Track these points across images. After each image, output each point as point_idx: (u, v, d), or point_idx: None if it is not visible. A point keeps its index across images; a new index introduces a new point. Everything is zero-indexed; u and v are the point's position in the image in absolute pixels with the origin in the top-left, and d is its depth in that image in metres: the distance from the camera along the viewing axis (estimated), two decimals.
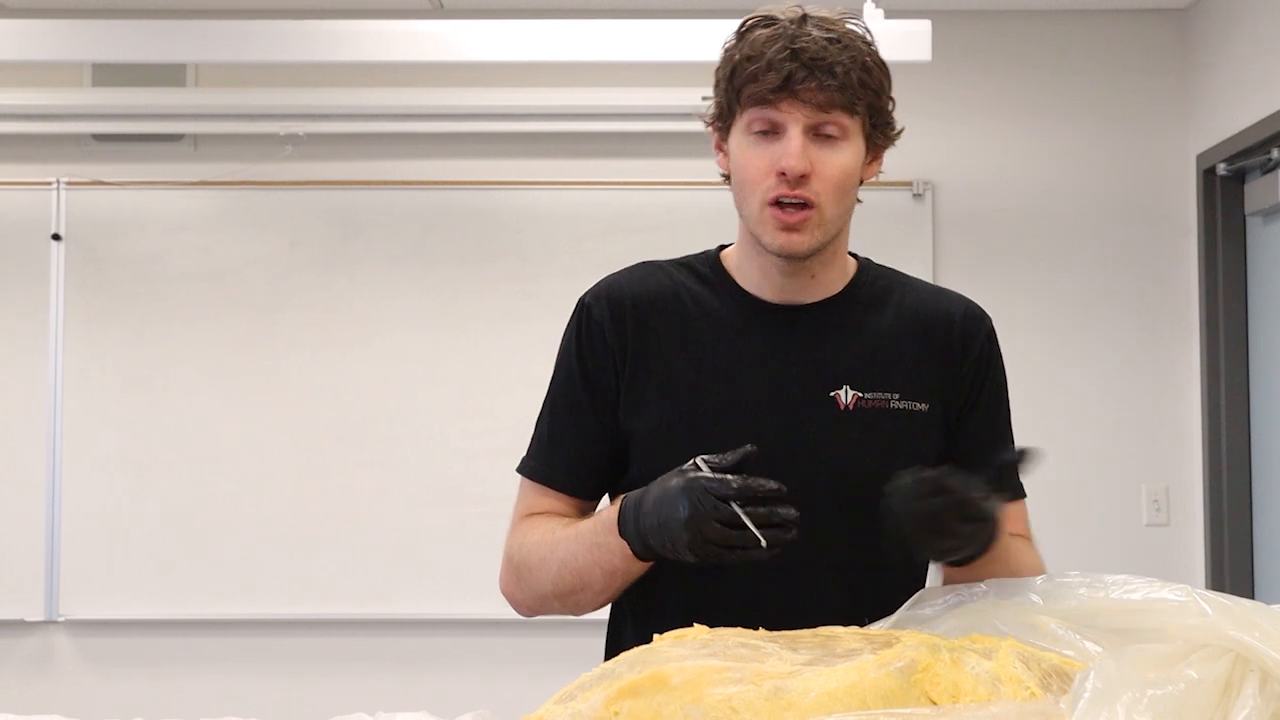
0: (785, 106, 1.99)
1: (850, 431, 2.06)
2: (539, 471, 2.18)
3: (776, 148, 2.00)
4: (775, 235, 2.03)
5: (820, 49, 1.97)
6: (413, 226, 5.49)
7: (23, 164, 5.53)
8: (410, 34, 4.54)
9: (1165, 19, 5.53)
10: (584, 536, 2.04)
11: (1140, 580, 1.69)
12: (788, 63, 1.96)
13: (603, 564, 2.01)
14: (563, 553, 2.06)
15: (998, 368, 2.21)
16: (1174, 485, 5.45)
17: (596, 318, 2.16)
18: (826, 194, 2.03)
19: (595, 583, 2.04)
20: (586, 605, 2.10)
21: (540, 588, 2.11)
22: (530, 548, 2.12)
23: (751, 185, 2.04)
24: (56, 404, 5.40)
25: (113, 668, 5.44)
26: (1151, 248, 5.51)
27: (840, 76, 1.97)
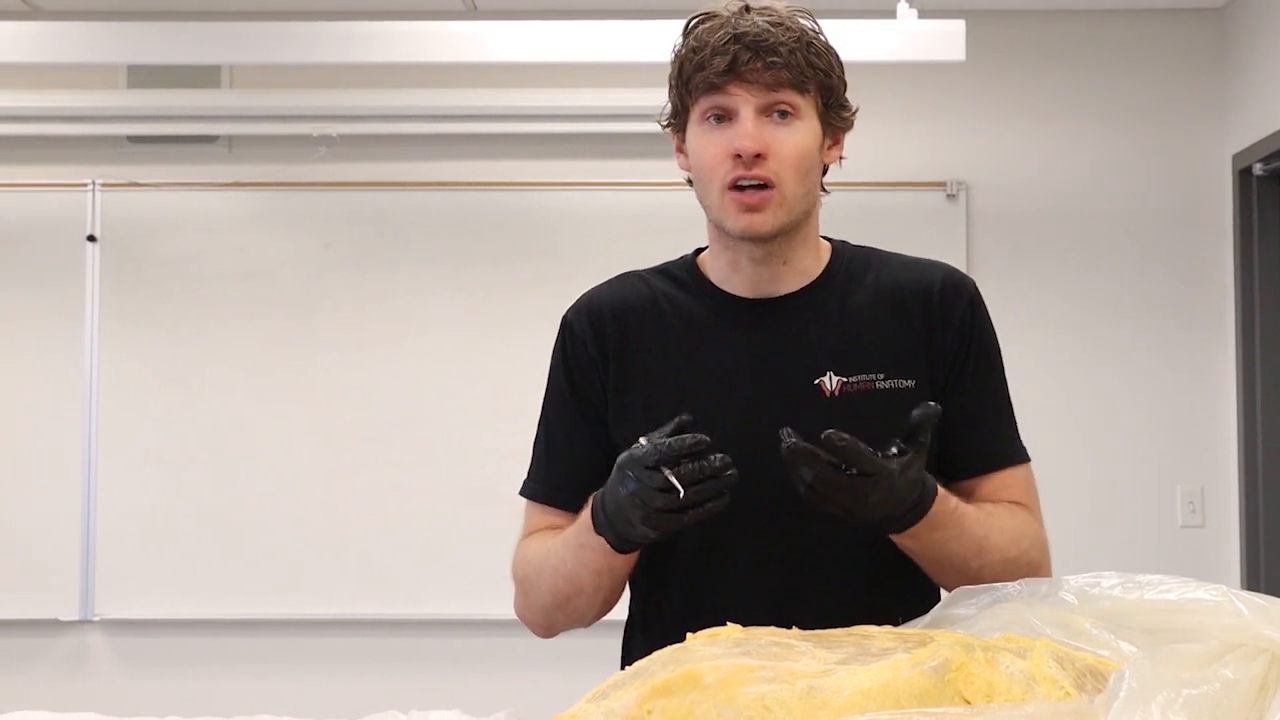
0: (734, 89, 2.00)
1: (838, 418, 1.99)
2: (540, 491, 2.21)
3: (730, 131, 2.01)
4: (737, 218, 2.03)
5: (762, 31, 1.98)
6: (446, 227, 5.50)
7: (58, 166, 5.56)
8: (444, 35, 4.55)
9: (1201, 18, 5.51)
10: (569, 540, 2.05)
11: (1175, 580, 1.68)
12: (732, 45, 1.98)
13: (588, 564, 2.02)
14: (554, 560, 2.08)
15: (984, 331, 2.16)
16: (1209, 486, 5.43)
17: (578, 333, 2.18)
18: (785, 172, 2.02)
19: (586, 585, 2.05)
20: (585, 611, 2.10)
21: (541, 600, 2.13)
22: (529, 563, 2.14)
23: (709, 172, 2.04)
24: (92, 404, 5.43)
25: (147, 667, 5.46)
26: (1187, 248, 5.49)
27: (785, 55, 1.98)
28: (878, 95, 5.12)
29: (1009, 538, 2.04)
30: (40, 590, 5.43)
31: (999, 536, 2.03)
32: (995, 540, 2.02)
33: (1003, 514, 2.08)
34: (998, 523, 2.05)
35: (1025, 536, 2.07)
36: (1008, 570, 1.99)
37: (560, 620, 2.14)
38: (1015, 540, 2.05)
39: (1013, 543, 2.04)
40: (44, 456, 5.47)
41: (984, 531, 2.01)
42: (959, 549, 1.99)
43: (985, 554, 2.00)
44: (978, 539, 1.99)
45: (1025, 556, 2.05)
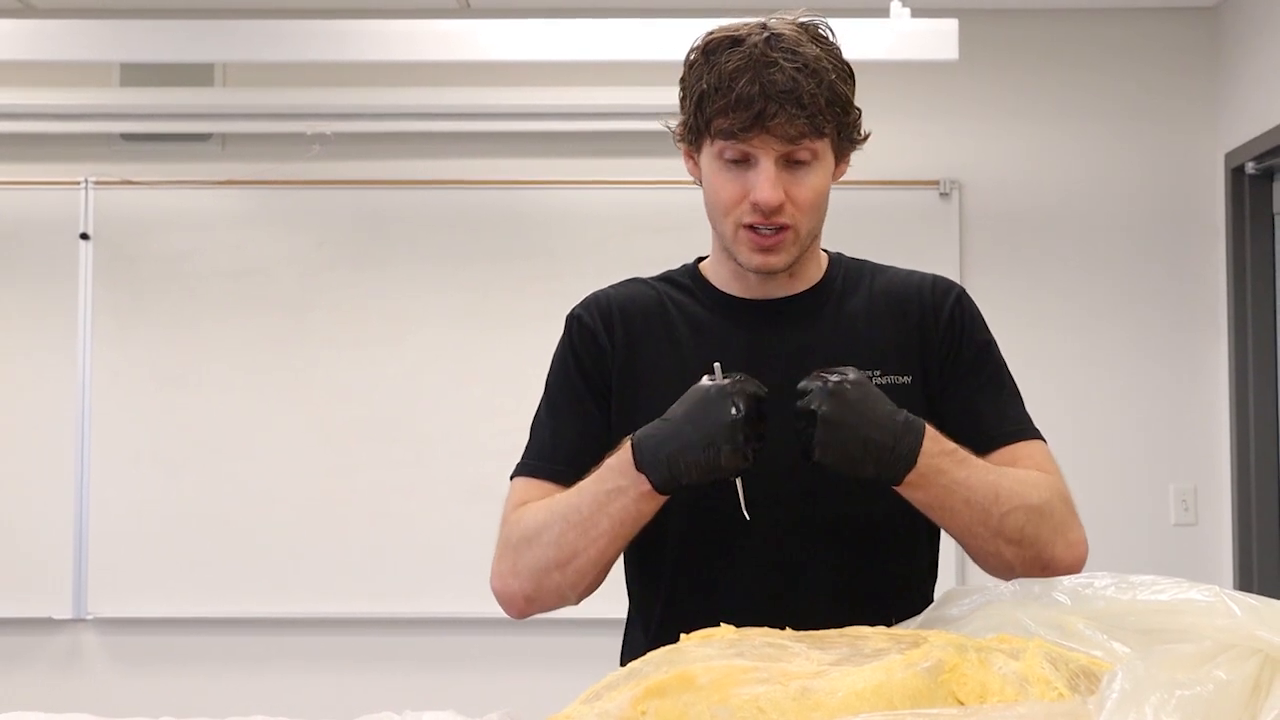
0: (756, 141, 2.00)
1: None
2: (542, 469, 2.17)
3: (749, 177, 2.02)
4: (751, 256, 2.07)
5: (789, 81, 1.97)
6: (441, 226, 5.50)
7: (51, 163, 5.55)
8: (437, 33, 4.55)
9: (1194, 17, 5.51)
10: (586, 488, 2.02)
11: (1168, 581, 1.69)
12: (758, 100, 1.96)
13: (611, 511, 1.99)
14: (564, 509, 2.03)
15: (975, 328, 2.19)
16: (1202, 485, 5.43)
17: (588, 324, 2.20)
18: (801, 215, 2.05)
19: (601, 536, 2.00)
20: (587, 572, 2.04)
21: (541, 558, 2.05)
22: (527, 522, 2.08)
23: (725, 209, 2.06)
24: (85, 403, 5.43)
25: (141, 666, 5.46)
26: (1179, 246, 5.49)
27: (809, 106, 1.98)
28: (871, 94, 5.11)
29: (1027, 485, 2.02)
30: (33, 589, 5.43)
31: (1014, 483, 2.01)
32: (1011, 486, 2.00)
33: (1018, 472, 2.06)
34: (1011, 472, 2.04)
35: (1044, 486, 2.05)
36: (1034, 520, 1.99)
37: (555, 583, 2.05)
38: (1035, 488, 2.03)
39: (1032, 489, 2.02)
40: (37, 455, 5.47)
41: (995, 477, 2.00)
42: (972, 495, 1.97)
43: (1003, 500, 1.98)
44: (990, 484, 1.98)
45: (1049, 506, 2.02)
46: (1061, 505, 2.05)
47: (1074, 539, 2.05)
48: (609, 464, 2.00)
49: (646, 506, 1.98)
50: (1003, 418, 2.15)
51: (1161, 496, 5.45)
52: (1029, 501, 2.00)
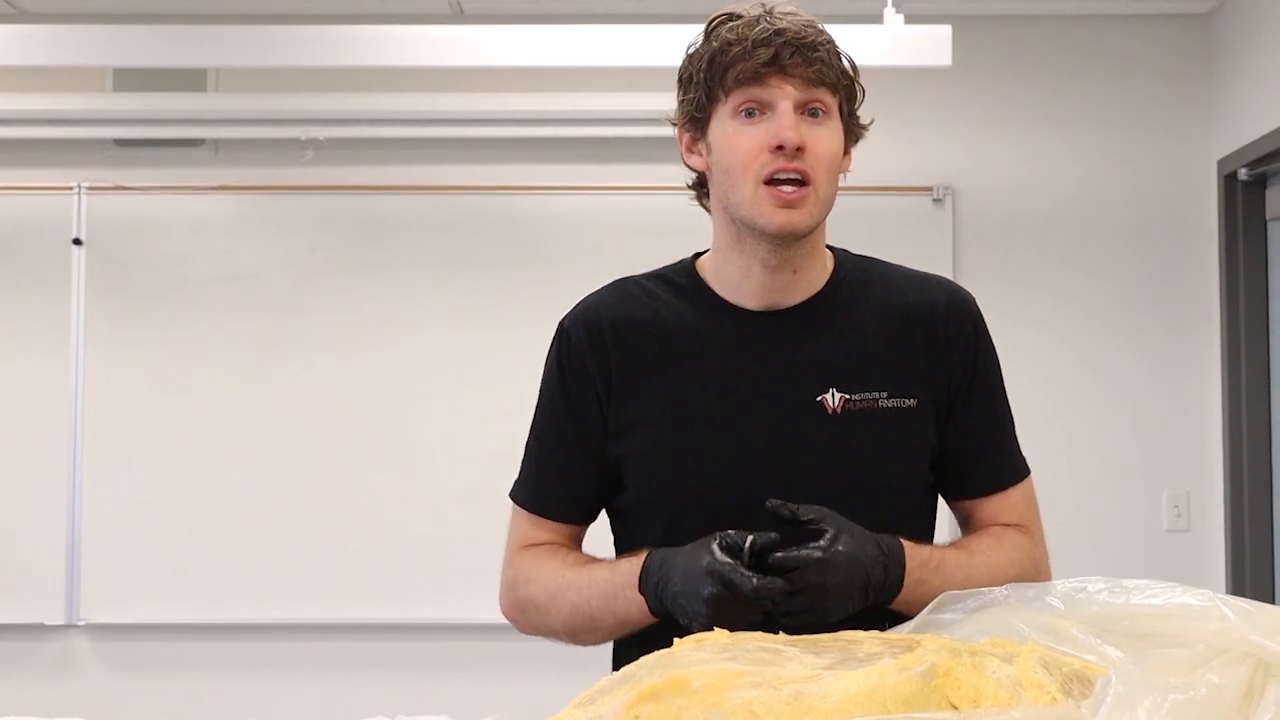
0: (774, 82, 2.00)
1: (840, 436, 2.06)
2: (530, 502, 2.22)
3: (769, 124, 2.01)
4: (774, 214, 2.02)
5: (802, 28, 2.01)
6: (434, 231, 5.50)
7: (44, 169, 5.55)
8: (431, 39, 4.55)
9: (1187, 24, 5.52)
10: (598, 585, 2.07)
11: (1161, 585, 1.69)
12: (775, 38, 1.99)
13: (616, 612, 2.05)
14: (574, 597, 2.09)
15: (988, 351, 2.19)
16: (1195, 490, 5.44)
17: (575, 345, 2.16)
18: (820, 170, 2.03)
19: (606, 628, 2.09)
20: (596, 643, 2.15)
21: (549, 625, 2.15)
22: (538, 586, 2.14)
23: (743, 167, 2.02)
24: (78, 408, 5.42)
25: (133, 672, 5.45)
26: (1173, 253, 5.50)
27: (825, 53, 2.01)
28: (864, 100, 5.13)
29: (997, 571, 2.04)
30: (25, 594, 5.42)
31: (985, 575, 2.02)
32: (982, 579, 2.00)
33: (990, 547, 2.10)
34: (982, 561, 2.07)
35: (1015, 563, 2.08)
36: None
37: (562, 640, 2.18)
38: (1004, 570, 2.04)
39: (1001, 573, 2.03)
40: (29, 460, 5.46)
41: (965, 575, 2.02)
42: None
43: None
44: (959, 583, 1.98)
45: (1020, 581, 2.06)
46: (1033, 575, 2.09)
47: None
48: (622, 570, 2.04)
49: (648, 619, 2.03)
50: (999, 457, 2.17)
51: (1154, 502, 5.45)
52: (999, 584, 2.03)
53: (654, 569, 1.98)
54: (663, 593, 1.95)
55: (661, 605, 1.96)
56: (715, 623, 1.81)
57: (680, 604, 1.91)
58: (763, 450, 2.05)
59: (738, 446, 2.05)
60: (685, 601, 1.90)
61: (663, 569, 1.96)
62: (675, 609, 1.93)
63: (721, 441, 2.06)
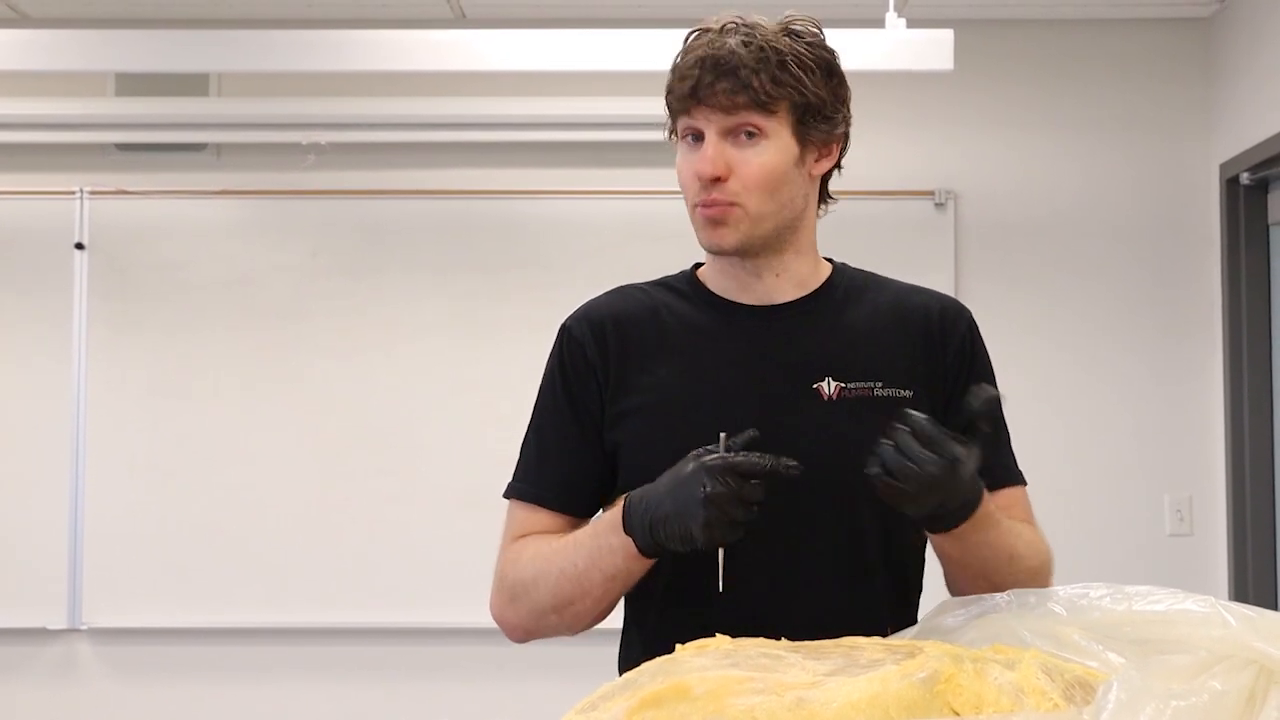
0: (698, 113, 2.03)
1: (836, 421, 2.07)
2: (528, 492, 2.20)
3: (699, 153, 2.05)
4: (702, 232, 2.09)
5: (727, 54, 1.99)
6: (435, 235, 5.50)
7: (47, 173, 5.55)
8: (432, 43, 4.55)
9: (1188, 28, 5.52)
10: (582, 542, 2.04)
11: (1164, 591, 1.69)
12: (694, 70, 2.01)
13: (603, 566, 2.01)
14: (561, 561, 2.06)
15: (982, 358, 2.21)
16: (1197, 495, 5.44)
17: (578, 338, 2.18)
18: (748, 192, 2.04)
19: (595, 588, 2.04)
20: (584, 616, 2.09)
21: (538, 603, 2.10)
22: (525, 564, 2.12)
23: (685, 190, 2.09)
24: (80, 412, 5.42)
25: (136, 676, 5.45)
26: (1174, 257, 5.50)
27: (744, 78, 1.99)
28: (866, 104, 5.11)
29: (1032, 549, 2.09)
30: (28, 599, 5.42)
31: (1024, 547, 2.06)
32: (1022, 550, 2.05)
33: (1020, 526, 2.11)
34: (1021, 532, 2.09)
35: (1041, 550, 2.12)
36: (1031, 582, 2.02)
37: (552, 624, 2.12)
38: (1036, 552, 2.09)
39: (1034, 554, 2.08)
40: (32, 464, 5.46)
41: (1013, 540, 2.04)
42: (992, 555, 2.01)
43: (1015, 562, 2.03)
44: (1009, 547, 2.02)
45: (1044, 569, 2.11)
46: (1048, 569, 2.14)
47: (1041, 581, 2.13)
48: (604, 520, 2.03)
49: (636, 565, 2.00)
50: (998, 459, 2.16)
51: (1157, 507, 5.45)
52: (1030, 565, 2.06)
53: (637, 504, 1.96)
54: (653, 521, 1.92)
55: (652, 538, 1.93)
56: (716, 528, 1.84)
57: (674, 526, 1.89)
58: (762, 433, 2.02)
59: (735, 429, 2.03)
60: (680, 518, 1.88)
61: (646, 500, 1.94)
62: (669, 534, 1.90)
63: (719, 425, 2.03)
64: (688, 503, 1.87)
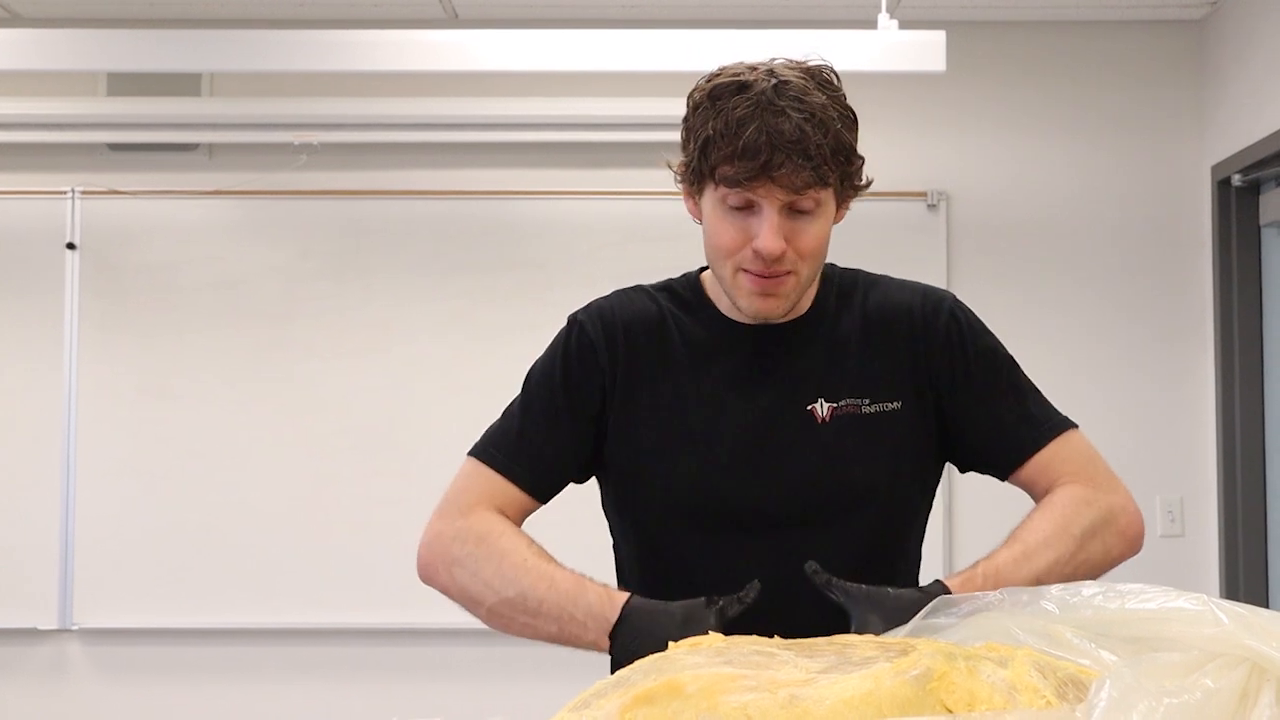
0: (762, 189, 1.98)
1: (828, 443, 2.10)
2: (499, 461, 2.19)
3: (751, 224, 2.01)
4: (750, 300, 2.07)
5: (796, 131, 1.95)
6: (427, 236, 5.50)
7: (38, 173, 5.55)
8: (425, 44, 4.55)
9: (1181, 30, 5.53)
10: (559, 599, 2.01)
11: (1156, 589, 1.69)
12: (764, 150, 1.94)
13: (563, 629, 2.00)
14: (525, 586, 2.03)
15: (975, 337, 2.21)
16: (1189, 496, 5.44)
17: (591, 335, 2.19)
18: (802, 261, 2.05)
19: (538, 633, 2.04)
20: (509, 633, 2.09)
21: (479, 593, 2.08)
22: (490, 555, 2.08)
23: (726, 253, 2.05)
24: (71, 412, 5.41)
25: (127, 676, 5.45)
26: (1166, 258, 5.50)
27: (815, 157, 1.96)
28: (858, 105, 5.11)
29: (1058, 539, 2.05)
30: (18, 599, 5.42)
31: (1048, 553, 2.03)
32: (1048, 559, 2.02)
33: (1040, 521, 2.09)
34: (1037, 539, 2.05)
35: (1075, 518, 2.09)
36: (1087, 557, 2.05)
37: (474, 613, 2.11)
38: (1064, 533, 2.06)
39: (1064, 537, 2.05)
40: (22, 464, 5.45)
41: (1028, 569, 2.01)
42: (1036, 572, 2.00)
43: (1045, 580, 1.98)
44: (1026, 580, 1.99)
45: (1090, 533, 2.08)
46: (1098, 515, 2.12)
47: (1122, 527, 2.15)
48: (590, 598, 1.99)
49: (595, 649, 1.99)
50: (1029, 422, 2.19)
51: (1148, 508, 5.43)
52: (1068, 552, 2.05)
53: (635, 626, 1.94)
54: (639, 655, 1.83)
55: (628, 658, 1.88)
56: None
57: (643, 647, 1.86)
58: (758, 455, 2.08)
59: (734, 451, 2.09)
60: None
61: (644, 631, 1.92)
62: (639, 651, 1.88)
63: (718, 446, 2.10)
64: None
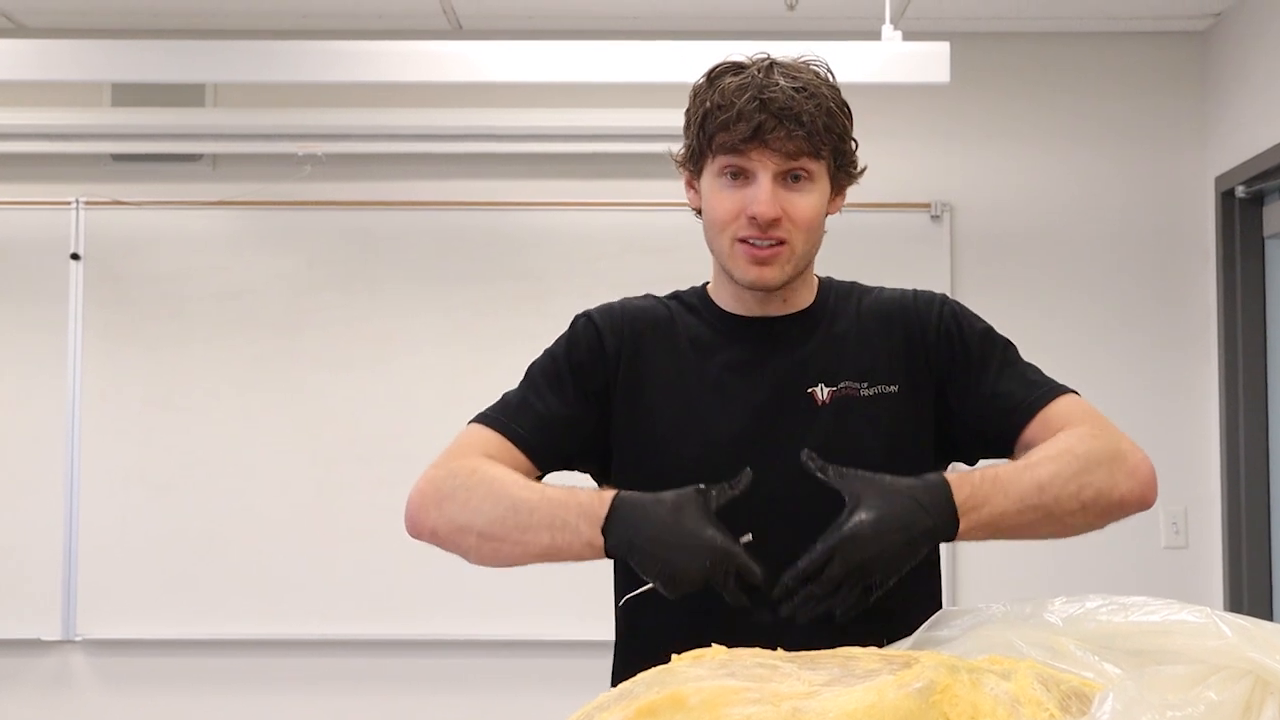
0: (755, 155, 2.09)
1: (829, 424, 2.15)
2: (499, 422, 2.21)
3: (747, 192, 2.11)
4: (747, 269, 2.15)
5: (788, 98, 2.06)
6: (430, 246, 5.50)
7: (42, 183, 5.55)
8: (428, 55, 4.55)
9: (1184, 41, 5.53)
10: (549, 498, 2.02)
11: (1159, 602, 1.69)
12: (757, 113, 2.06)
13: (556, 537, 1.99)
14: (515, 499, 2.03)
15: (968, 323, 2.27)
16: (1192, 507, 5.43)
17: (598, 324, 2.26)
18: (797, 232, 2.13)
19: (532, 545, 2.01)
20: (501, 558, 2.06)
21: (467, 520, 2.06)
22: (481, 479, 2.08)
23: (722, 224, 2.14)
24: (75, 423, 5.42)
25: (130, 687, 5.44)
26: (1170, 270, 5.50)
27: (807, 124, 2.07)
28: (862, 117, 5.11)
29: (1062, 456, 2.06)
30: (22, 610, 5.41)
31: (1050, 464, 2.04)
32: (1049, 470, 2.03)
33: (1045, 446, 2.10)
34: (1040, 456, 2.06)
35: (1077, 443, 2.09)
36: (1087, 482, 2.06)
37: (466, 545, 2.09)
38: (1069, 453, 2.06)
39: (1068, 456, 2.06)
40: (26, 474, 5.45)
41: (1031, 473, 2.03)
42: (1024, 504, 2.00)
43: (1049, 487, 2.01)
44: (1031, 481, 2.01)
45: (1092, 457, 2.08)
46: (1104, 446, 2.13)
47: (1131, 466, 2.15)
48: (580, 499, 2.00)
49: (589, 554, 2.00)
50: (1026, 388, 2.21)
51: (1152, 519, 5.45)
52: (1070, 469, 2.05)
53: (626, 512, 1.95)
54: (634, 540, 1.92)
55: (628, 552, 1.93)
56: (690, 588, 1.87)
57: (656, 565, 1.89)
58: (760, 435, 2.14)
59: (738, 432, 2.15)
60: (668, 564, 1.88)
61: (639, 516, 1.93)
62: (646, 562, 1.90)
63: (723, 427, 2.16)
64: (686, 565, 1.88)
